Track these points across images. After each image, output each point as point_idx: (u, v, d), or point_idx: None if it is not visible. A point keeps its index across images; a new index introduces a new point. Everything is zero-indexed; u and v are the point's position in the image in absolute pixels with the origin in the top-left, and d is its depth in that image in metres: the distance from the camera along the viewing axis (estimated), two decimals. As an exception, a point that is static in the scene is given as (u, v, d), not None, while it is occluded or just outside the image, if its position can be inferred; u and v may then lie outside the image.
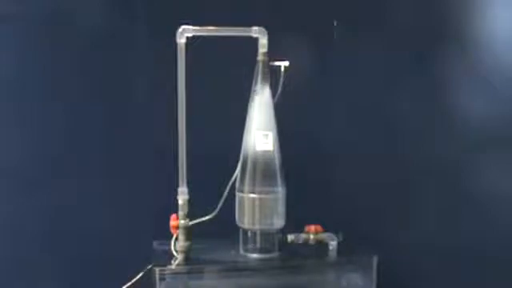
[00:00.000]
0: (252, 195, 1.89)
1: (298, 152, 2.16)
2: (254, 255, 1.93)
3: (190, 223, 1.91)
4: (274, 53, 1.89)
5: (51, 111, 2.21)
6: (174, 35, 1.87)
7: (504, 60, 2.03)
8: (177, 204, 1.91)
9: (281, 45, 1.89)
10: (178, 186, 1.91)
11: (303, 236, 1.97)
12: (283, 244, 1.95)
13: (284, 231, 1.95)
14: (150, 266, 1.92)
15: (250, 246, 1.94)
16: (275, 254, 1.94)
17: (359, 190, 2.32)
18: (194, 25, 1.88)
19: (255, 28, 1.89)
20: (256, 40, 1.90)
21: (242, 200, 1.91)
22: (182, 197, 1.91)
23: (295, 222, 1.94)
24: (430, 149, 2.22)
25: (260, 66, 1.89)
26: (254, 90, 1.90)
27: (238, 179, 1.92)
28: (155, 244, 2.02)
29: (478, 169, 2.09)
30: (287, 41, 2.08)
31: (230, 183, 1.92)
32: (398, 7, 2.26)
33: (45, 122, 2.22)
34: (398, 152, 2.30)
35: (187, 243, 1.90)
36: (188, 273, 1.86)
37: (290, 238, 1.96)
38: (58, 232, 2.23)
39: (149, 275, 1.91)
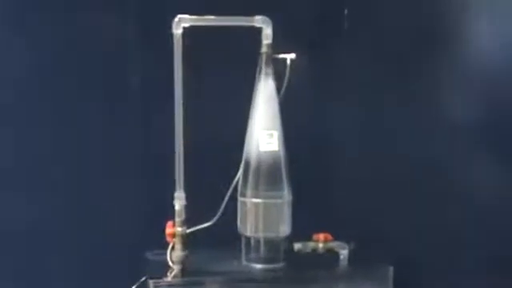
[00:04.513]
0: (255, 200, 1.85)
1: (304, 153, 2.15)
2: (258, 266, 1.89)
3: (188, 231, 1.86)
4: (278, 44, 1.85)
5: (39, 109, 2.18)
6: (169, 25, 1.82)
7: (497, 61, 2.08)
8: (173, 210, 1.86)
9: (286, 36, 1.85)
10: (174, 190, 1.86)
11: (311, 244, 1.93)
12: (289, 253, 1.92)
13: (290, 239, 1.91)
14: (143, 278, 1.89)
15: (253, 255, 1.90)
16: (280, 265, 1.90)
17: (373, 195, 2.27)
18: (191, 14, 1.83)
19: (258, 17, 1.85)
20: (259, 30, 1.85)
21: (244, 205, 1.87)
22: (179, 202, 1.86)
23: (302, 229, 1.91)
24: (440, 149, 2.20)
25: (264, 58, 1.85)
26: (258, 86, 1.85)
27: (240, 182, 1.88)
28: (149, 254, 1.97)
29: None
30: (293, 31, 2.06)
31: (232, 187, 1.88)
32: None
33: (34, 122, 2.18)
34: (411, 153, 2.25)
35: (184, 253, 1.85)
36: (185, 285, 1.82)
37: (297, 246, 1.92)
38: (46, 244, 2.18)
39: (143, 288, 1.88)
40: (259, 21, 1.84)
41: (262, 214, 1.85)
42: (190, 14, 1.82)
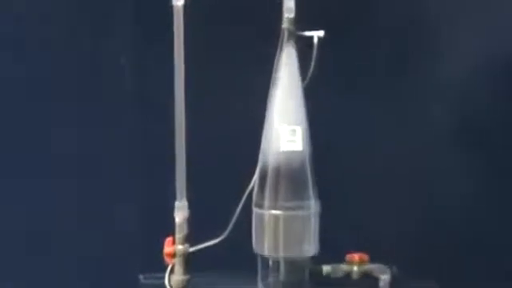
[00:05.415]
0: (274, 212, 1.66)
1: (333, 153, 2.00)
2: (277, 292, 1.73)
3: (191, 249, 1.71)
4: (303, 19, 1.66)
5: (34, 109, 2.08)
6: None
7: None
8: (173, 224, 1.71)
9: (313, 9, 1.66)
10: (174, 199, 1.71)
11: (344, 267, 1.76)
12: (316, 278, 1.74)
13: (317, 260, 1.73)
14: (136, 308, 1.75)
15: (271, 279, 1.71)
16: (306, 292, 1.75)
17: (416, 205, 2.11)
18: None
19: (279, -13, 1.67)
20: (280, 3, 1.66)
21: (260, 218, 1.68)
22: (181, 214, 1.70)
23: (333, 248, 1.72)
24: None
25: (285, 36, 1.65)
26: (277, 70, 1.66)
27: (255, 190, 1.69)
28: (143, 278, 1.83)
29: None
30: (321, 4, 1.90)
31: (245, 196, 1.71)
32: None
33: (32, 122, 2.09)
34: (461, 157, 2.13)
35: (186, 277, 1.70)
36: (187, 317, 1.66)
37: (326, 269, 1.74)
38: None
39: (135, 319, 1.75)
40: (280, -9, 1.65)
41: (282, 229, 1.65)
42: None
